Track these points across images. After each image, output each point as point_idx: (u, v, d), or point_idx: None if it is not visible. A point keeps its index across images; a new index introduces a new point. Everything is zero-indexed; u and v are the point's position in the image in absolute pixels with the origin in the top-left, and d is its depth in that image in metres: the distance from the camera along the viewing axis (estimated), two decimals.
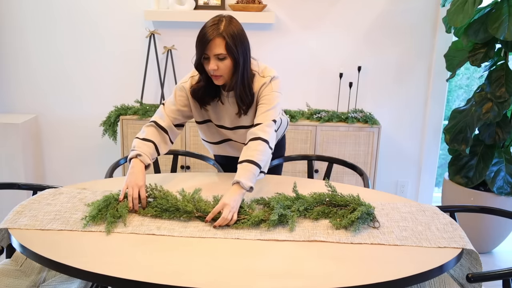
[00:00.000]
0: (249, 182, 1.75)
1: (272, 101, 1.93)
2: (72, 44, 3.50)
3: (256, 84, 1.96)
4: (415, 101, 3.55)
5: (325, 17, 3.42)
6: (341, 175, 3.26)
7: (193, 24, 3.42)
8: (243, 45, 1.86)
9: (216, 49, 1.81)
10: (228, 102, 2.01)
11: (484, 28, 2.82)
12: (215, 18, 1.85)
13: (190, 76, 2.02)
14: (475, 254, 1.61)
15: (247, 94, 1.93)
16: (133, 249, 1.51)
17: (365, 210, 1.68)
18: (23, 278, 1.75)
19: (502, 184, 2.98)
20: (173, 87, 3.52)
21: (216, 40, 1.80)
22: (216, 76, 1.87)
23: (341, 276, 1.38)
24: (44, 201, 1.83)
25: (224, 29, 1.81)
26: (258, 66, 1.99)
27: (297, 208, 1.74)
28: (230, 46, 1.81)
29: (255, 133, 1.87)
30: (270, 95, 1.94)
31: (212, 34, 1.80)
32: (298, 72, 3.51)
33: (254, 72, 1.96)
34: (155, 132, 1.99)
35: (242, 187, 1.73)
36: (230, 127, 2.08)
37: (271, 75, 1.96)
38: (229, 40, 1.81)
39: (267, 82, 1.94)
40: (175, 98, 2.03)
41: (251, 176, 1.77)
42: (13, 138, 3.37)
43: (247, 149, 1.85)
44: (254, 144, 1.85)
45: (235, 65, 1.86)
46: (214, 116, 2.08)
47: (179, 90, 2.02)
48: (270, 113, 1.92)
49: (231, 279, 1.36)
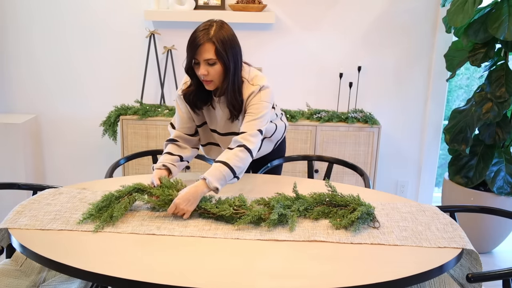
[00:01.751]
0: (216, 182, 1.76)
1: (260, 111, 1.92)
2: (72, 44, 3.50)
3: (245, 91, 1.94)
4: (415, 101, 3.55)
5: (325, 17, 3.42)
6: (341, 175, 3.26)
7: (193, 24, 3.40)
8: (234, 50, 1.86)
9: (205, 54, 1.81)
10: (219, 107, 2.01)
11: (484, 28, 2.83)
12: (206, 23, 1.86)
13: (183, 83, 2.04)
14: (475, 254, 1.61)
15: (237, 99, 1.93)
16: (133, 249, 1.51)
17: (365, 210, 1.68)
18: (23, 278, 1.75)
19: (502, 184, 2.98)
20: (173, 87, 3.54)
21: (206, 45, 1.80)
22: (207, 81, 1.88)
23: (341, 276, 1.38)
24: (44, 201, 1.84)
25: (214, 34, 1.81)
26: (248, 73, 1.97)
27: (297, 208, 1.74)
28: (219, 52, 1.81)
29: (239, 141, 1.88)
30: (258, 104, 1.93)
31: (202, 39, 1.80)
32: (298, 72, 3.51)
33: (243, 79, 1.95)
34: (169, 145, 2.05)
35: (208, 184, 1.75)
36: (222, 133, 2.09)
37: (260, 84, 1.94)
38: (218, 45, 1.81)
39: (255, 91, 1.93)
40: (177, 108, 2.07)
41: (221, 178, 1.78)
42: (14, 138, 3.37)
43: (228, 152, 1.86)
44: (237, 150, 1.85)
45: (226, 71, 1.86)
46: (208, 120, 2.10)
47: (178, 99, 2.06)
48: (255, 122, 1.91)
49: (231, 279, 1.36)
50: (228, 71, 1.86)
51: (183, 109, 2.05)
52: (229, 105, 1.94)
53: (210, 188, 1.76)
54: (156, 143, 3.28)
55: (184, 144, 2.06)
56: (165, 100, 3.54)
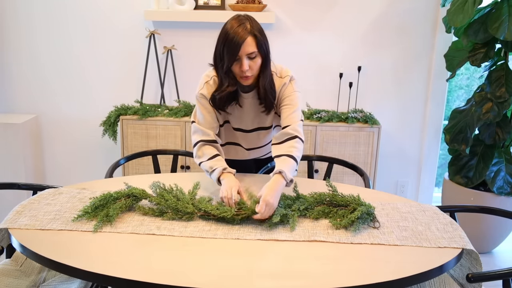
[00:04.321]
0: (290, 174, 1.73)
1: (296, 102, 1.93)
2: (72, 44, 3.50)
3: (276, 84, 1.95)
4: (415, 101, 3.55)
5: (325, 17, 3.42)
6: (341, 175, 3.26)
7: (193, 24, 3.42)
8: (267, 41, 1.86)
9: (248, 48, 1.78)
10: (248, 103, 1.98)
11: (484, 28, 2.82)
12: (234, 21, 1.81)
13: (205, 82, 1.96)
14: (475, 254, 1.61)
15: (273, 90, 1.92)
16: (133, 249, 1.51)
17: (365, 210, 1.68)
18: (23, 278, 1.75)
19: (502, 184, 2.98)
20: (173, 87, 3.54)
21: (248, 39, 1.78)
22: (247, 76, 1.84)
23: (341, 276, 1.38)
24: (44, 201, 1.84)
25: (252, 27, 1.80)
26: (274, 66, 1.98)
27: (297, 208, 1.74)
28: (261, 44, 1.81)
29: (290, 133, 1.86)
30: (292, 95, 1.94)
31: (244, 34, 1.77)
32: (298, 72, 3.47)
33: (272, 72, 1.95)
34: (211, 148, 1.95)
35: (284, 177, 1.72)
36: (249, 129, 2.07)
37: (289, 75, 1.96)
38: (259, 37, 1.80)
39: (287, 83, 1.94)
40: (202, 108, 1.96)
41: (292, 170, 1.76)
42: (14, 138, 3.37)
43: (283, 145, 1.84)
44: (292, 142, 1.84)
45: (265, 62, 1.85)
46: (233, 119, 2.05)
47: (201, 99, 1.96)
48: (296, 114, 1.91)
49: (231, 279, 1.36)
50: (267, 62, 1.86)
51: (209, 108, 1.97)
52: (265, 98, 1.92)
53: (286, 180, 1.73)
54: (156, 143, 3.28)
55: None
56: (165, 100, 3.54)
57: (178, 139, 3.28)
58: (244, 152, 2.18)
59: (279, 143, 1.87)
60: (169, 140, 3.28)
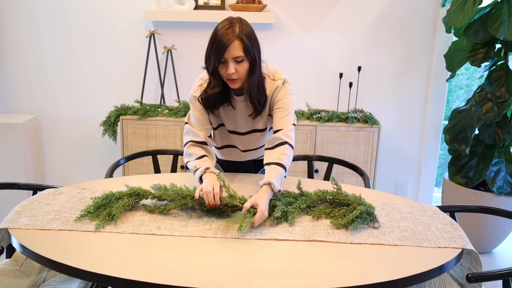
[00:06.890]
0: (278, 185, 1.77)
1: (288, 105, 1.92)
2: (72, 44, 3.50)
3: (268, 87, 1.93)
4: (415, 101, 3.55)
5: (325, 17, 3.42)
6: (341, 175, 3.26)
7: (193, 24, 3.42)
8: (257, 45, 1.84)
9: (234, 51, 1.77)
10: (241, 106, 1.98)
11: (484, 28, 2.83)
12: (225, 22, 1.81)
13: (199, 85, 1.97)
14: (475, 254, 1.61)
15: (261, 95, 1.91)
16: (133, 249, 1.51)
17: (364, 209, 1.68)
18: (23, 278, 1.75)
19: (502, 184, 2.98)
20: (173, 87, 3.54)
21: (235, 42, 1.77)
22: (234, 79, 1.83)
23: (341, 276, 1.38)
24: (44, 201, 1.84)
25: (240, 31, 1.78)
26: (267, 68, 1.96)
27: (298, 206, 1.75)
28: (248, 48, 1.79)
29: (280, 138, 1.87)
30: (285, 98, 1.93)
31: (230, 38, 1.76)
32: (298, 72, 3.51)
33: (265, 75, 1.94)
34: (199, 149, 1.97)
35: (273, 189, 1.74)
36: (243, 132, 2.07)
37: (282, 78, 1.94)
38: (246, 41, 1.78)
39: (279, 86, 1.93)
40: (195, 110, 1.98)
41: (279, 179, 1.79)
42: (13, 138, 3.37)
43: (274, 152, 1.86)
44: (282, 148, 1.86)
45: (252, 67, 1.84)
46: (227, 121, 2.05)
47: (194, 101, 1.97)
48: (288, 118, 1.91)
49: (231, 279, 1.36)
50: (254, 67, 1.84)
51: (201, 110, 1.98)
52: (253, 102, 1.92)
53: (274, 191, 1.75)
54: (156, 143, 3.29)
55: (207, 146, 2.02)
56: (165, 100, 3.54)
57: (178, 139, 3.28)
58: (241, 154, 2.19)
59: (271, 148, 1.89)
60: (169, 140, 3.28)
